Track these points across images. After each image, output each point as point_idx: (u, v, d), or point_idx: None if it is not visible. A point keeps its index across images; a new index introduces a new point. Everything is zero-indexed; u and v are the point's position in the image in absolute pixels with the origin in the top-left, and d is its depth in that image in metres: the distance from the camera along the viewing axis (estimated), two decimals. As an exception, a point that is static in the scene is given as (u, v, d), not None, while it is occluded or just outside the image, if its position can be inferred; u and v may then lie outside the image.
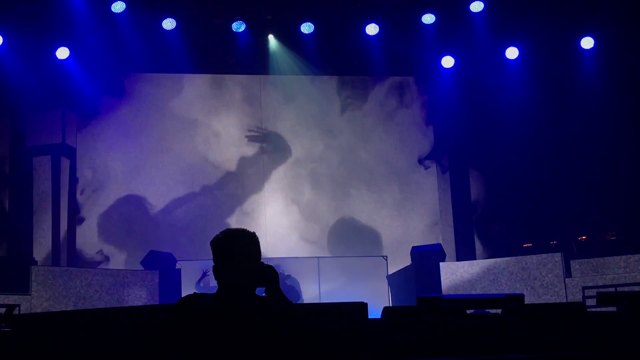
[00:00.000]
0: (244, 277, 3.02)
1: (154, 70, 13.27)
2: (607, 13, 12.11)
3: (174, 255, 11.40)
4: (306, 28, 12.51)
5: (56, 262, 12.06)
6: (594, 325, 5.34)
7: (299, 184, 13.67)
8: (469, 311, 6.19)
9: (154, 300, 10.42)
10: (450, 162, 13.94)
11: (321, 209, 13.61)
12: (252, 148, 13.65)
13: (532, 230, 13.02)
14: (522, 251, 11.47)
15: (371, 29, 12.55)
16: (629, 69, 12.56)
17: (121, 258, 12.71)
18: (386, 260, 12.66)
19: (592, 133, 12.88)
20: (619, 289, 9.71)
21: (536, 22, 12.20)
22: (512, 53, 12.86)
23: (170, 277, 10.86)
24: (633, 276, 9.94)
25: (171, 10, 12.02)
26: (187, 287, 11.18)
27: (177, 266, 11.25)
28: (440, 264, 11.20)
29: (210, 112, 13.63)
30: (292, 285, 12.13)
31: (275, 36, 12.93)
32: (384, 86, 14.14)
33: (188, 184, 13.28)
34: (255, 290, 3.07)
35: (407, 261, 11.78)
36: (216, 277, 3.08)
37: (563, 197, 13.16)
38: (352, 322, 5.15)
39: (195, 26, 12.38)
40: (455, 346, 5.02)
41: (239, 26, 12.40)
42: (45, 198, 12.46)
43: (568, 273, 10.37)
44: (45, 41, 11.85)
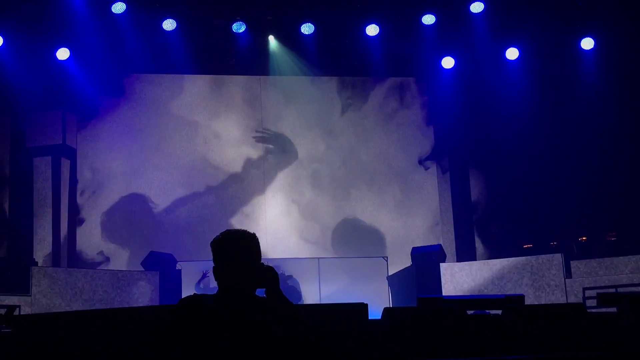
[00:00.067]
0: (244, 278, 3.02)
1: (154, 71, 13.27)
2: (607, 14, 12.11)
3: (175, 256, 11.40)
4: (306, 29, 12.50)
5: (56, 263, 12.06)
6: (594, 326, 5.33)
7: (299, 184, 13.67)
8: (469, 312, 6.18)
9: (154, 301, 10.41)
10: (451, 163, 13.93)
11: (322, 210, 13.61)
12: (252, 149, 13.65)
13: (532, 230, 13.02)
14: (523, 252, 11.46)
15: (371, 30, 12.55)
16: (629, 70, 12.56)
17: (121, 259, 12.71)
18: (386, 261, 12.67)
19: (592, 134, 12.89)
20: (619, 289, 9.70)
21: (536, 22, 12.20)
22: (512, 54, 12.86)
23: (170, 278, 10.85)
24: (633, 277, 9.94)
25: (171, 11, 12.02)
26: (187, 287, 11.18)
27: (178, 267, 11.24)
28: (441, 264, 11.20)
29: (210, 113, 13.62)
30: (294, 285, 12.13)
31: (276, 37, 12.93)
32: (384, 87, 14.13)
33: (188, 184, 13.28)
34: (256, 291, 3.07)
35: (407, 262, 11.78)
36: (216, 278, 3.08)
37: (563, 198, 13.16)
38: (352, 323, 5.15)
39: (195, 27, 12.38)
40: (455, 347, 5.02)
41: (239, 27, 12.40)
42: (45, 199, 12.46)
43: (568, 274, 10.36)
44: (45, 42, 11.84)
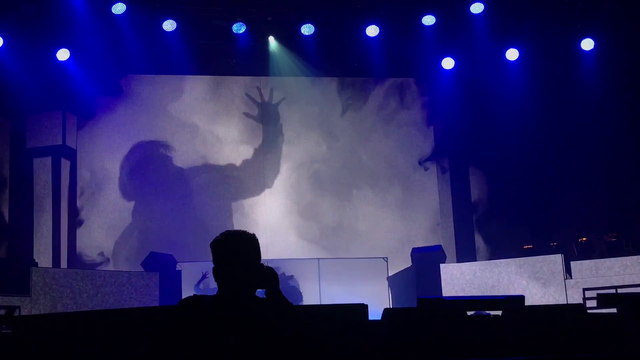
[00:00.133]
0: (243, 278, 3.02)
1: (154, 72, 13.27)
2: (607, 14, 12.10)
3: (175, 256, 11.40)
4: (306, 29, 12.50)
5: (56, 263, 12.05)
6: (594, 327, 5.34)
7: (299, 185, 13.66)
8: (469, 313, 6.19)
9: (154, 301, 10.40)
10: (451, 164, 13.93)
11: (322, 211, 13.60)
12: (252, 149, 13.64)
13: (532, 231, 13.02)
14: (523, 252, 11.45)
15: (371, 31, 12.55)
16: (629, 70, 12.57)
17: (121, 259, 12.71)
18: (386, 261, 12.67)
19: (592, 134, 12.89)
20: (619, 290, 9.70)
21: (536, 23, 12.20)
22: (512, 54, 12.87)
23: (170, 279, 10.84)
24: (633, 278, 9.94)
25: (171, 12, 12.02)
26: (187, 288, 11.18)
27: (178, 268, 11.24)
28: (441, 265, 11.20)
29: (210, 114, 13.62)
30: (295, 286, 12.12)
31: (276, 37, 12.92)
32: (384, 87, 14.13)
33: (188, 185, 13.27)
34: (255, 292, 3.07)
35: (407, 262, 11.78)
36: (216, 279, 3.08)
37: (563, 199, 13.16)
38: (352, 323, 5.15)
39: (195, 28, 12.38)
40: (455, 348, 5.02)
41: (239, 28, 12.41)
42: (45, 199, 12.45)
43: (568, 274, 10.36)
44: (45, 43, 11.85)
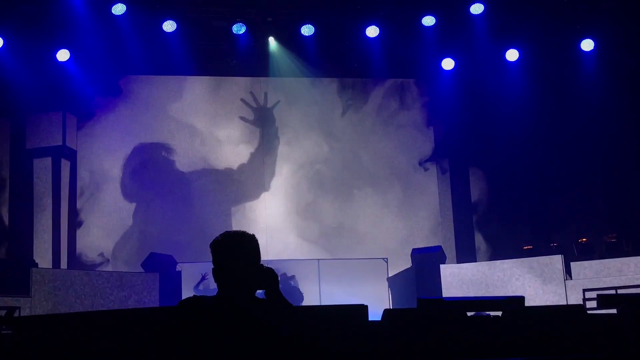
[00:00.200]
0: (243, 279, 3.02)
1: (154, 73, 13.27)
2: (607, 15, 12.11)
3: (174, 257, 11.40)
4: (306, 30, 12.50)
5: (56, 264, 12.05)
6: (594, 328, 5.33)
7: (299, 185, 13.66)
8: (469, 313, 6.18)
9: (154, 302, 10.41)
10: (451, 164, 13.94)
11: (322, 211, 13.60)
12: (252, 150, 13.64)
13: (532, 232, 13.02)
14: (523, 253, 11.45)
15: (371, 31, 12.55)
16: (629, 71, 12.57)
17: (121, 260, 12.71)
18: (386, 262, 12.67)
19: (592, 135, 12.89)
20: (619, 291, 9.70)
21: (536, 24, 12.21)
22: (512, 55, 12.87)
23: (170, 279, 10.84)
24: (633, 278, 9.94)
25: (171, 13, 12.02)
26: (187, 289, 11.18)
27: (178, 268, 11.24)
28: (441, 266, 11.20)
29: (210, 115, 13.62)
30: (296, 286, 12.12)
31: (276, 38, 12.92)
32: (384, 88, 14.13)
33: (188, 186, 13.27)
34: (255, 293, 3.07)
35: (408, 263, 11.78)
36: (216, 280, 3.07)
37: (563, 200, 13.16)
38: (352, 324, 5.15)
39: (195, 28, 12.38)
40: (455, 348, 5.02)
41: (239, 28, 12.41)
42: (45, 200, 12.46)
43: (568, 275, 10.37)
44: (45, 43, 11.85)
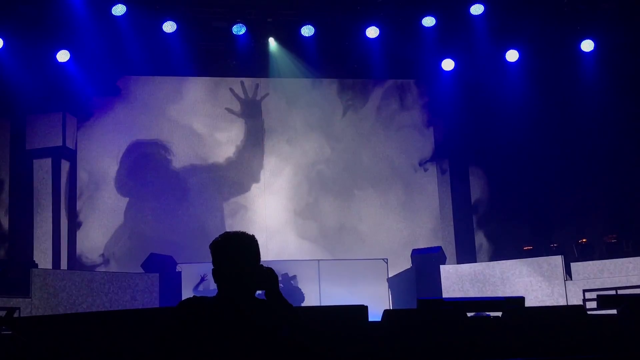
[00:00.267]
0: (243, 279, 3.02)
1: (154, 73, 13.27)
2: (607, 16, 12.11)
3: (174, 257, 11.40)
4: (307, 31, 12.50)
5: (56, 265, 12.05)
6: (594, 328, 5.33)
7: (299, 186, 13.66)
8: (469, 314, 6.18)
9: (154, 303, 10.41)
10: (451, 165, 13.94)
11: (322, 212, 13.60)
12: (253, 151, 13.64)
13: (532, 232, 13.02)
14: (523, 254, 11.45)
15: (371, 32, 12.55)
16: (629, 72, 12.57)
17: (121, 261, 12.70)
18: (386, 262, 12.66)
19: (592, 136, 12.89)
20: (619, 291, 9.70)
21: (536, 24, 12.20)
22: (512, 56, 12.87)
23: (170, 280, 10.85)
24: (633, 279, 9.94)
25: (171, 13, 12.02)
26: (187, 289, 11.18)
27: (178, 269, 11.24)
28: (441, 266, 11.20)
29: (210, 115, 13.62)
30: (298, 286, 12.11)
31: (276, 39, 12.92)
32: (384, 89, 14.13)
33: (188, 186, 13.27)
34: (255, 293, 3.07)
35: (408, 264, 11.77)
36: (216, 280, 3.07)
37: (563, 200, 13.16)
38: (352, 324, 5.15)
39: (195, 29, 12.38)
40: (455, 349, 5.02)
41: (239, 29, 12.41)
42: (45, 200, 12.45)
43: (568, 276, 10.36)
44: (45, 44, 11.85)
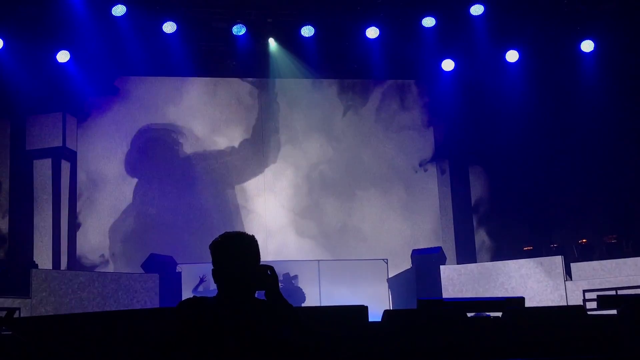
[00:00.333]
0: (243, 280, 3.02)
1: (154, 74, 13.28)
2: (607, 16, 12.12)
3: (175, 258, 11.40)
4: (307, 31, 12.51)
5: (57, 265, 12.05)
6: (594, 329, 5.33)
7: (299, 186, 13.67)
8: (469, 314, 6.18)
9: (154, 303, 10.41)
10: (451, 165, 13.94)
11: (323, 212, 13.61)
12: (253, 151, 13.64)
13: (532, 232, 13.03)
14: (523, 254, 11.46)
15: (371, 32, 12.55)
16: (628, 72, 12.57)
17: (121, 261, 12.71)
18: (386, 263, 12.67)
19: (592, 136, 12.89)
20: (619, 292, 9.70)
21: (536, 25, 12.21)
22: (512, 56, 12.87)
23: (170, 280, 10.85)
24: (634, 279, 9.94)
25: (171, 14, 12.03)
26: (187, 290, 11.19)
27: (178, 269, 11.25)
28: (441, 266, 11.20)
29: (210, 115, 13.63)
30: (299, 286, 12.12)
31: (276, 39, 12.93)
32: (384, 89, 14.14)
33: (188, 187, 13.27)
34: (255, 293, 3.07)
35: (408, 264, 11.78)
36: (216, 281, 3.08)
37: (563, 201, 13.17)
38: (352, 325, 5.15)
39: (195, 29, 12.39)
40: (455, 349, 5.02)
41: (239, 29, 12.41)
42: (45, 201, 12.45)
43: (568, 276, 10.36)
44: (45, 44, 11.85)
